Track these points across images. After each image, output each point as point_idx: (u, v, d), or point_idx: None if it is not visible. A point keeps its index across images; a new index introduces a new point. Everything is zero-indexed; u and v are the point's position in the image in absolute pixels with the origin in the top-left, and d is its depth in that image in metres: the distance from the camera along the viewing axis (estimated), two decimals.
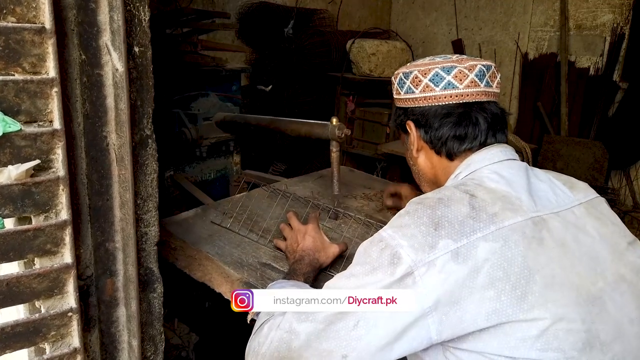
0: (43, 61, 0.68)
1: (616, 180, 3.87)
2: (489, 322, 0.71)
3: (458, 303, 0.71)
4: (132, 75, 0.78)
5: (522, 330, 0.71)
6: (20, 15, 0.66)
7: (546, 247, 0.76)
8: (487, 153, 0.90)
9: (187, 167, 2.01)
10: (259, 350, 0.84)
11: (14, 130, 0.66)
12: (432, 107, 0.93)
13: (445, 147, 0.93)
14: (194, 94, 2.02)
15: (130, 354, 0.88)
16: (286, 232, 1.20)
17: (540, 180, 0.88)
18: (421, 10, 4.80)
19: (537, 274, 0.73)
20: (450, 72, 0.91)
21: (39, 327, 0.74)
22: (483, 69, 0.92)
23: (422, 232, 0.76)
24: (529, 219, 0.78)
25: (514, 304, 0.71)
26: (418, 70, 0.94)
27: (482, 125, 0.91)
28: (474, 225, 0.75)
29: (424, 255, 0.73)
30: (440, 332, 0.73)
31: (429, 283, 0.72)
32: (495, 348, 0.71)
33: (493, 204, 0.79)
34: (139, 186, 0.84)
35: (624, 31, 3.70)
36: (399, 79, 0.99)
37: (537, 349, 0.70)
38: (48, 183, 0.70)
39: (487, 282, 0.71)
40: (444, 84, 0.91)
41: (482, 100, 0.92)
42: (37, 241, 0.71)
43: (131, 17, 0.77)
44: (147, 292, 0.90)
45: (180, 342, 1.88)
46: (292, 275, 1.03)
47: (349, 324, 0.75)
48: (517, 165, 0.88)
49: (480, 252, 0.73)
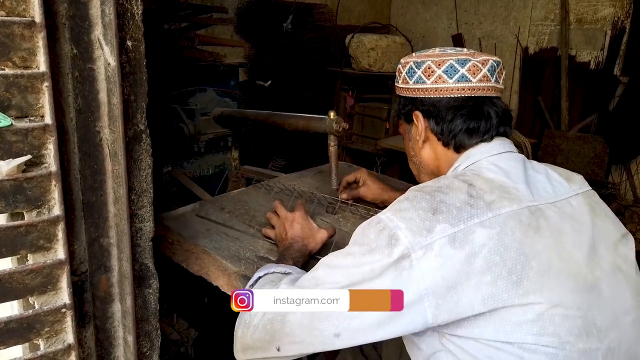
0: (33, 55, 0.68)
1: (616, 174, 3.86)
2: (485, 307, 0.71)
3: (455, 287, 0.72)
4: (125, 69, 0.77)
5: (517, 314, 0.71)
6: (9, 9, 0.66)
7: (542, 235, 0.77)
8: (486, 146, 0.91)
9: (185, 163, 2.00)
10: (250, 322, 0.85)
11: (4, 125, 0.66)
12: (444, 99, 0.93)
13: (455, 139, 0.93)
14: (192, 90, 2.01)
15: (126, 349, 0.88)
16: (274, 220, 1.21)
17: (537, 172, 0.88)
18: (421, 4, 4.77)
19: (533, 260, 0.74)
20: (465, 64, 0.91)
21: (32, 323, 0.73)
22: (494, 64, 0.93)
23: (420, 216, 0.76)
24: (525, 207, 0.79)
25: (510, 288, 0.71)
26: (432, 60, 0.93)
27: (494, 119, 0.92)
28: (472, 211, 0.76)
29: (421, 238, 0.74)
30: (436, 315, 0.73)
31: (425, 266, 0.73)
32: (491, 333, 0.72)
33: (491, 192, 0.80)
34: (133, 181, 0.83)
35: (624, 25, 3.68)
36: (409, 67, 0.97)
37: (533, 333, 0.71)
38: (40, 178, 0.70)
39: (484, 267, 0.72)
40: (457, 77, 0.91)
41: (491, 95, 0.93)
42: (30, 237, 0.71)
43: (123, 11, 0.76)
44: (142, 288, 0.90)
45: (179, 337, 1.88)
46: (282, 260, 1.03)
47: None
48: (515, 157, 0.89)
49: (477, 237, 0.74)
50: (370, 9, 4.79)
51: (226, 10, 2.52)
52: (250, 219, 1.30)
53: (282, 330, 0.81)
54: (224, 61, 2.21)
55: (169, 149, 1.89)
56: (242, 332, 0.87)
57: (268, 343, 0.83)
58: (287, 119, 1.61)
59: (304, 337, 0.79)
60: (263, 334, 0.83)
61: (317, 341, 0.79)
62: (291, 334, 0.80)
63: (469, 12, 4.48)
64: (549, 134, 3.95)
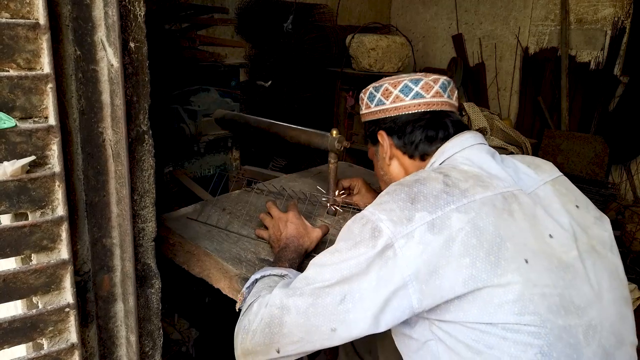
0: (37, 57, 0.68)
1: (617, 174, 3.86)
2: (466, 288, 0.74)
3: (436, 271, 0.75)
4: (127, 70, 0.78)
5: (498, 295, 0.74)
6: (14, 11, 0.66)
7: (516, 218, 0.81)
8: (459, 139, 0.97)
9: (186, 163, 2.01)
10: (249, 327, 0.88)
11: (9, 126, 0.66)
12: (403, 115, 1.02)
13: (417, 149, 1.01)
14: (193, 90, 2.02)
15: (129, 349, 0.88)
16: (267, 221, 1.22)
17: (507, 166, 0.93)
18: (421, 4, 4.77)
19: (509, 242, 0.77)
20: (418, 83, 1.01)
21: (36, 323, 0.74)
22: (445, 82, 1.03)
23: (399, 207, 0.80)
24: (499, 193, 0.83)
25: (488, 269, 0.75)
26: (388, 83, 1.04)
27: (451, 128, 1.00)
28: (448, 198, 0.80)
29: (402, 228, 0.77)
30: (420, 300, 0.76)
31: (408, 254, 0.76)
32: (476, 316, 0.75)
33: (465, 181, 0.84)
34: (136, 182, 0.84)
35: (624, 25, 3.68)
36: (369, 93, 1.08)
37: (514, 313, 0.74)
38: (44, 179, 0.70)
39: (463, 250, 0.75)
40: (413, 94, 1.01)
41: (446, 110, 1.02)
42: (34, 237, 0.71)
43: (126, 13, 0.77)
44: (144, 288, 0.90)
45: (180, 337, 1.89)
46: (278, 262, 1.05)
47: (336, 299, 0.79)
48: (486, 150, 0.95)
49: (454, 222, 0.77)
50: (371, 9, 4.79)
51: (227, 10, 2.52)
52: (251, 220, 1.30)
53: (280, 332, 0.83)
54: (225, 61, 2.21)
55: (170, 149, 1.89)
56: (242, 338, 0.89)
57: (268, 346, 0.85)
58: (289, 132, 1.60)
59: (302, 335, 0.82)
60: (262, 337, 0.85)
61: (315, 338, 0.81)
62: (289, 334, 0.83)
63: (469, 12, 4.48)
64: (549, 134, 3.95)
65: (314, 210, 1.38)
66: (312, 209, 1.39)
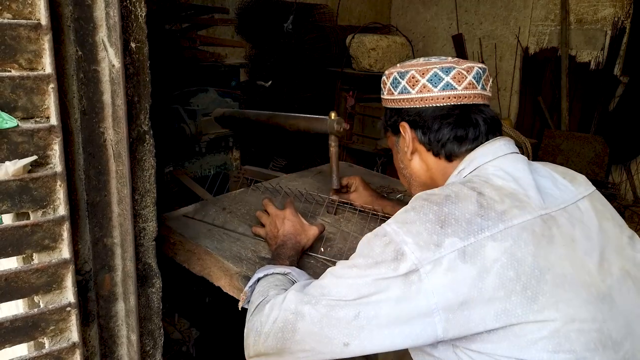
0: (39, 57, 0.68)
1: (617, 174, 3.87)
2: (498, 323, 0.69)
3: (466, 303, 0.70)
4: (129, 71, 0.78)
5: (532, 331, 0.69)
6: (15, 12, 0.67)
7: (556, 244, 0.74)
8: (491, 147, 0.89)
9: (187, 163, 2.01)
10: (261, 329, 0.84)
11: (11, 126, 0.66)
12: (429, 108, 0.92)
13: (444, 148, 0.91)
14: (194, 90, 2.02)
15: (129, 348, 0.89)
16: (264, 219, 1.21)
17: (542, 176, 0.86)
18: (421, 4, 4.78)
19: (548, 274, 0.71)
20: (449, 72, 0.90)
21: (37, 322, 0.74)
22: (480, 71, 0.91)
23: (427, 230, 0.74)
24: (538, 216, 0.76)
25: (525, 304, 0.69)
26: (415, 70, 0.92)
27: (482, 126, 0.90)
28: (482, 223, 0.73)
29: (429, 254, 0.72)
30: (446, 330, 0.72)
31: (435, 282, 0.71)
32: (505, 349, 0.70)
33: (501, 201, 0.77)
34: (137, 182, 0.84)
35: (624, 25, 3.68)
36: (393, 78, 0.97)
37: (549, 350, 0.69)
38: (45, 179, 0.71)
39: (497, 282, 0.70)
40: (442, 85, 0.90)
41: (478, 103, 0.91)
42: (35, 237, 0.72)
43: (127, 13, 0.77)
44: (145, 287, 0.90)
45: (180, 337, 1.89)
46: (278, 259, 1.03)
47: (350, 314, 0.75)
48: (520, 160, 0.87)
49: (488, 251, 0.71)
50: (371, 9, 4.79)
51: (227, 10, 2.52)
52: (251, 219, 1.31)
53: (292, 339, 0.80)
54: (225, 61, 2.21)
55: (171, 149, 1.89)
56: (254, 340, 0.86)
57: (280, 350, 0.82)
58: (288, 120, 1.61)
59: (314, 345, 0.79)
60: (275, 342, 0.82)
61: (327, 350, 0.78)
62: (302, 341, 0.80)
63: (470, 12, 4.48)
64: (549, 134, 3.96)
65: (313, 209, 1.39)
66: (311, 207, 1.39)
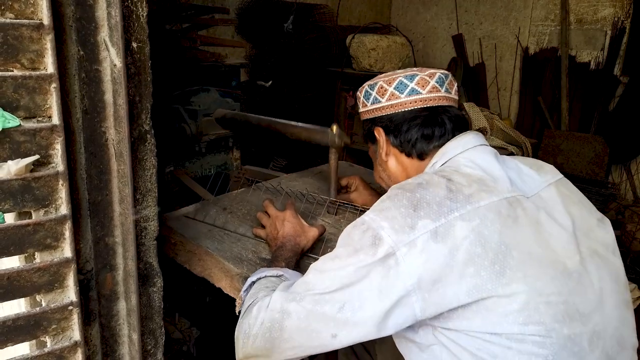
0: (41, 57, 0.69)
1: (617, 174, 3.87)
2: (470, 298, 0.73)
3: (440, 280, 0.74)
4: (130, 70, 0.79)
5: (502, 305, 0.73)
6: (18, 11, 0.67)
7: (521, 224, 0.79)
8: (460, 141, 0.94)
9: (187, 163, 2.01)
10: (249, 331, 0.87)
11: (13, 125, 0.67)
12: (399, 113, 1.00)
13: (415, 148, 0.99)
14: (194, 90, 2.02)
15: (131, 347, 0.89)
16: (264, 220, 1.22)
17: (509, 167, 0.91)
18: (421, 4, 4.78)
19: (514, 250, 0.76)
20: (413, 79, 0.99)
21: (39, 321, 0.74)
22: (442, 76, 1.00)
23: (401, 214, 0.79)
24: (503, 199, 0.81)
25: (493, 278, 0.73)
26: (383, 80, 1.01)
27: (448, 124, 0.98)
28: (451, 205, 0.78)
29: (404, 236, 0.76)
30: (423, 309, 0.75)
31: (410, 263, 0.75)
32: (479, 325, 0.74)
33: (469, 186, 0.82)
34: (138, 181, 0.84)
35: (624, 25, 3.68)
36: (365, 91, 1.06)
37: (519, 323, 0.73)
38: (47, 178, 0.71)
39: (467, 258, 0.74)
40: (408, 90, 0.98)
41: (444, 105, 0.99)
42: (37, 236, 0.72)
43: (129, 13, 0.77)
44: (147, 286, 0.91)
45: (181, 336, 1.90)
46: (275, 261, 1.05)
47: (335, 306, 0.78)
48: (488, 151, 0.93)
49: (458, 230, 0.76)
50: (371, 9, 4.80)
51: (227, 10, 2.52)
52: (252, 219, 1.31)
53: (281, 337, 0.83)
54: (225, 61, 2.21)
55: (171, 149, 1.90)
56: (243, 342, 0.88)
57: (269, 350, 0.85)
58: (289, 129, 1.61)
59: (303, 341, 0.82)
60: (263, 342, 0.84)
61: (316, 343, 0.81)
62: (290, 339, 0.82)
63: (470, 12, 4.48)
64: (549, 134, 3.96)
65: (313, 209, 1.39)
66: (312, 208, 1.39)
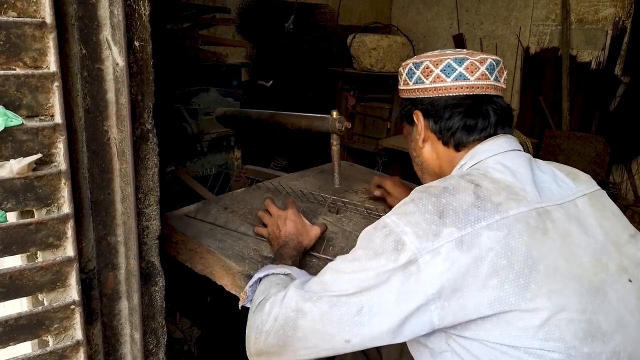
0: (44, 55, 0.69)
1: (617, 174, 3.87)
2: (491, 310, 0.71)
3: (461, 290, 0.72)
4: (132, 69, 0.79)
5: (524, 319, 0.71)
6: (20, 10, 0.67)
7: (550, 237, 0.76)
8: (492, 144, 0.90)
9: (188, 162, 2.01)
10: (262, 327, 0.85)
11: (15, 124, 0.67)
12: (442, 98, 0.94)
13: (454, 137, 0.94)
14: (195, 89, 2.02)
15: (133, 346, 0.89)
16: (266, 219, 1.21)
17: (543, 172, 0.88)
18: (422, 4, 4.78)
19: (541, 264, 0.73)
20: (462, 63, 0.92)
21: (42, 320, 0.74)
22: (493, 63, 0.93)
23: (426, 220, 0.76)
24: (533, 209, 0.78)
25: (517, 292, 0.71)
26: (430, 60, 0.95)
27: (492, 117, 0.92)
28: (479, 214, 0.75)
29: (427, 243, 0.74)
30: (442, 318, 0.73)
31: (433, 271, 0.72)
32: (497, 337, 0.72)
33: (498, 193, 0.79)
34: (140, 180, 0.84)
35: (625, 25, 3.68)
36: (409, 69, 0.99)
37: (539, 338, 0.71)
38: (50, 177, 0.71)
39: (491, 270, 0.72)
40: (455, 75, 0.92)
41: (490, 94, 0.93)
42: (40, 234, 0.72)
43: (131, 12, 0.77)
44: (148, 286, 0.91)
45: (182, 336, 1.89)
46: (280, 260, 1.03)
47: (352, 310, 0.76)
48: (521, 156, 0.89)
49: (484, 240, 0.73)
50: (372, 9, 4.79)
51: (228, 10, 2.52)
52: (253, 218, 1.31)
53: (294, 336, 0.81)
54: (226, 61, 2.21)
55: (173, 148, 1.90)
56: (255, 338, 0.86)
57: (281, 348, 0.83)
58: (290, 119, 1.61)
59: (316, 342, 0.80)
60: (276, 339, 0.83)
61: (329, 346, 0.79)
62: (303, 338, 0.80)
63: (470, 12, 4.48)
64: (550, 134, 3.96)
65: (315, 208, 1.39)
66: (313, 207, 1.39)
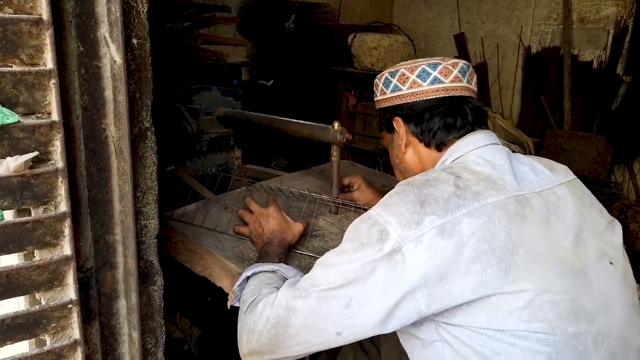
0: (41, 52, 0.68)
1: (619, 174, 3.85)
2: (475, 295, 0.73)
3: (445, 277, 0.74)
4: (130, 67, 0.78)
5: (508, 302, 0.73)
6: (17, 6, 0.66)
7: (529, 223, 0.79)
8: (472, 139, 0.94)
9: (188, 162, 2.01)
10: (254, 327, 0.87)
11: (12, 121, 0.66)
12: (420, 102, 0.98)
13: (435, 137, 0.97)
14: (195, 88, 2.02)
15: (131, 346, 0.88)
16: (247, 217, 1.21)
17: (522, 163, 0.91)
18: (423, 3, 4.77)
19: (521, 248, 0.75)
20: (436, 68, 0.97)
21: (39, 319, 0.74)
22: (464, 66, 0.99)
23: (408, 210, 0.78)
24: (512, 196, 0.81)
25: (499, 276, 0.73)
26: (405, 68, 0.99)
27: (470, 116, 0.96)
28: (459, 202, 0.78)
29: (410, 232, 0.76)
30: (428, 305, 0.75)
31: (417, 259, 0.74)
32: (484, 322, 0.74)
33: (477, 183, 0.82)
34: (138, 179, 0.84)
35: (627, 24, 3.67)
36: (385, 78, 1.04)
37: (524, 320, 0.73)
38: (47, 175, 0.70)
39: (473, 255, 0.74)
40: (431, 79, 0.97)
41: (465, 95, 0.98)
42: (37, 233, 0.71)
43: (129, 9, 0.77)
44: (147, 285, 0.90)
45: (182, 336, 1.89)
46: (266, 258, 1.04)
47: (341, 303, 0.78)
48: (500, 149, 0.92)
49: (465, 227, 0.75)
50: (372, 9, 4.79)
51: (229, 9, 2.52)
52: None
53: (286, 333, 0.83)
54: (227, 60, 2.21)
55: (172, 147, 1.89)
56: (248, 338, 0.88)
57: (274, 346, 0.85)
58: (291, 126, 1.60)
59: (308, 337, 0.82)
60: (268, 338, 0.84)
61: (320, 340, 0.81)
62: (295, 335, 0.82)
63: (472, 12, 4.47)
64: (552, 134, 3.95)
65: (315, 208, 1.38)
66: (313, 207, 1.39)
